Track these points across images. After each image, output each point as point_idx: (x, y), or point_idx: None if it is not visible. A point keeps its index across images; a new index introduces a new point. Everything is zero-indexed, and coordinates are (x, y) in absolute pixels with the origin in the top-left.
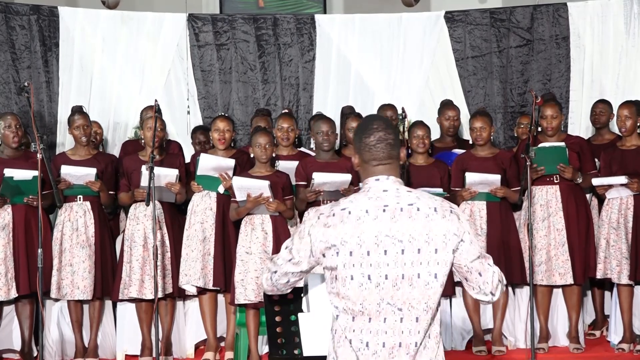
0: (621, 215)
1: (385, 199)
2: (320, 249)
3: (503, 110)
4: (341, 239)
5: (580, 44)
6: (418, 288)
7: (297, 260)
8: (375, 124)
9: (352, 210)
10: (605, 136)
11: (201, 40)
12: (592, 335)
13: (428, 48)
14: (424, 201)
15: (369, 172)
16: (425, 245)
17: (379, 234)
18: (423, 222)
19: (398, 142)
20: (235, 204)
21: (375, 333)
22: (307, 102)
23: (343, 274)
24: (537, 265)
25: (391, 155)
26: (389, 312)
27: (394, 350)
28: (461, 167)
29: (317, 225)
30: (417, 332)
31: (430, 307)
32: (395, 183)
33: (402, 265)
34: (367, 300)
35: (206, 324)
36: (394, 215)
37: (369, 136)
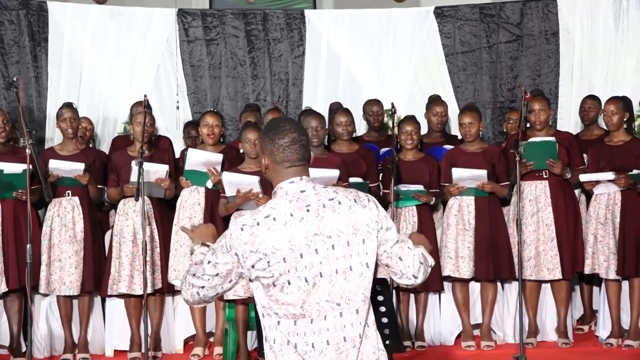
0: (609, 211)
1: (305, 199)
2: (249, 260)
3: (492, 105)
4: (272, 247)
5: (570, 39)
6: (353, 280)
7: (225, 273)
8: (288, 125)
9: (277, 216)
10: (594, 132)
11: (191, 35)
12: (581, 330)
13: (418, 43)
14: (343, 194)
15: (281, 174)
16: (352, 237)
17: (308, 234)
18: (347, 214)
19: (309, 144)
20: (225, 200)
21: (319, 332)
22: (296, 97)
23: (280, 281)
24: (525, 261)
25: (304, 156)
26: (329, 309)
27: (339, 346)
28: (450, 162)
29: (242, 236)
30: (359, 324)
31: (366, 296)
32: (309, 182)
33: (335, 260)
34: (307, 302)
35: (195, 319)
36: (318, 213)
37: (282, 137)
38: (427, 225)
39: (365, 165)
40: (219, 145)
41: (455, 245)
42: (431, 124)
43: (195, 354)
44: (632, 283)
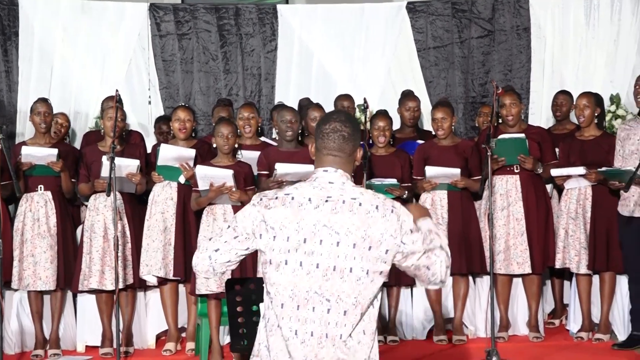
0: (580, 206)
1: (330, 190)
2: (259, 228)
3: (464, 100)
4: (280, 222)
5: (541, 35)
6: (349, 282)
7: (243, 238)
8: (335, 114)
9: (295, 196)
10: (566, 126)
11: (163, 30)
12: (552, 324)
13: (390, 38)
14: (367, 197)
15: (320, 160)
16: (360, 240)
17: (317, 222)
18: (363, 217)
19: (355, 138)
20: (197, 194)
21: (304, 322)
22: (269, 92)
23: (278, 259)
24: (496, 255)
25: (342, 148)
26: (317, 302)
27: (322, 341)
28: (423, 156)
29: (259, 205)
30: (344, 325)
31: (359, 302)
32: (342, 177)
33: (335, 257)
34: (297, 287)
35: (167, 314)
36: (335, 207)
37: (325, 124)
38: None
39: None
40: (191, 140)
41: None
42: (404, 119)
43: (167, 350)
44: (602, 277)
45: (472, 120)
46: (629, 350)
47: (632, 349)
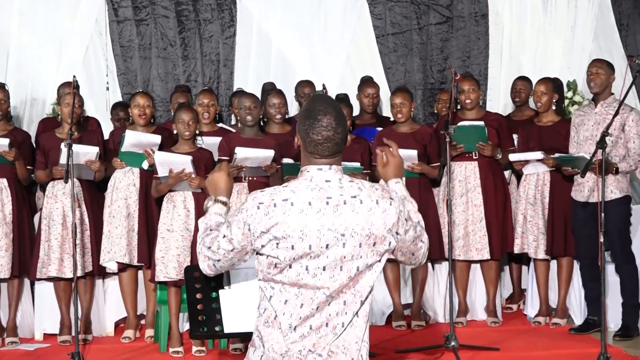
0: (538, 191)
1: (328, 190)
2: (260, 240)
3: (423, 87)
4: (283, 231)
5: (499, 21)
6: (353, 278)
7: (240, 249)
8: (325, 120)
9: (295, 201)
10: (525, 112)
11: (120, 15)
12: (510, 309)
13: (349, 25)
14: (366, 193)
15: (309, 160)
16: (365, 239)
17: (321, 227)
18: (365, 215)
19: (345, 138)
20: (157, 181)
21: (305, 318)
22: (227, 78)
23: (283, 265)
24: (455, 241)
25: (336, 151)
26: (322, 300)
27: (320, 330)
28: (382, 143)
29: (257, 215)
30: (345, 313)
31: (359, 291)
32: (337, 173)
33: (342, 258)
34: (304, 288)
35: (126, 302)
36: (337, 209)
37: (316, 134)
38: None
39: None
40: (150, 126)
41: None
42: (363, 105)
43: (126, 337)
44: (560, 262)
45: (430, 107)
46: (586, 334)
47: (588, 333)
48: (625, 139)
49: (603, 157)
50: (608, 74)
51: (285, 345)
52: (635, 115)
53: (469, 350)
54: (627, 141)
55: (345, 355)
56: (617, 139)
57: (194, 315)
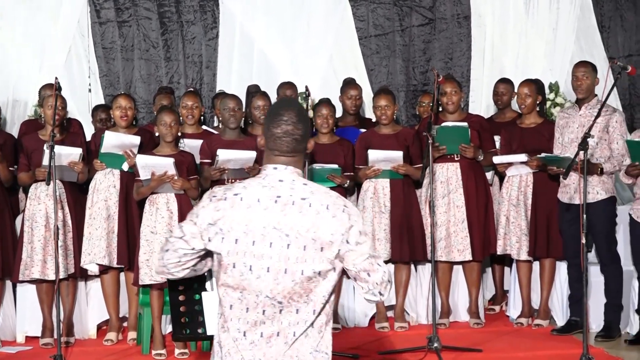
0: (521, 193)
1: (279, 189)
2: (207, 232)
3: (405, 88)
4: (229, 225)
5: (481, 23)
6: (300, 283)
7: (188, 238)
8: (286, 115)
9: (244, 196)
10: (507, 114)
11: (102, 17)
12: (492, 310)
13: (331, 26)
14: (318, 197)
15: (270, 158)
16: (311, 242)
17: (267, 225)
18: (313, 218)
19: (306, 136)
20: (139, 183)
21: (254, 324)
22: (210, 80)
23: (226, 261)
24: (437, 242)
25: (296, 149)
26: (268, 305)
27: (271, 340)
28: (365, 145)
29: (208, 207)
30: (297, 323)
31: (312, 299)
32: (292, 174)
33: (286, 260)
34: (247, 290)
35: (108, 304)
36: (284, 208)
37: (276, 127)
38: None
39: None
40: (132, 128)
41: (372, 228)
42: (346, 107)
43: (108, 339)
44: (542, 264)
45: (413, 108)
46: (568, 335)
47: (570, 334)
48: (609, 140)
49: (585, 158)
50: (593, 78)
51: (238, 352)
52: (619, 116)
53: (452, 351)
54: (611, 142)
55: None
56: (601, 140)
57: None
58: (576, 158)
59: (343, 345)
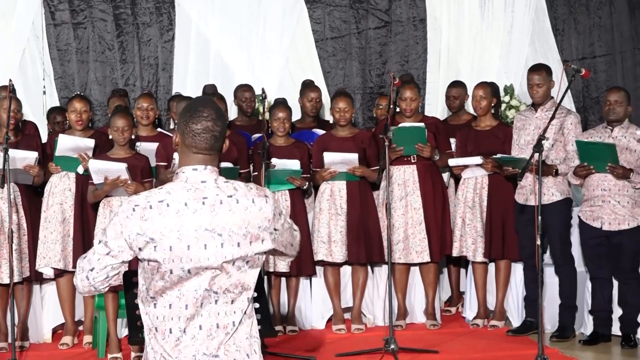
0: (476, 195)
1: (204, 190)
2: (137, 242)
3: (362, 91)
4: (160, 233)
5: (437, 26)
6: (235, 276)
7: (116, 252)
8: (205, 112)
9: (171, 202)
10: (462, 117)
11: (57, 18)
12: (448, 311)
13: (288, 29)
14: (242, 192)
15: (187, 157)
16: (243, 238)
17: (198, 227)
18: (242, 215)
19: (224, 135)
20: (93, 187)
21: (192, 318)
22: (166, 82)
23: (163, 269)
24: (395, 244)
25: (214, 147)
26: (205, 297)
27: (212, 332)
28: (321, 148)
29: (133, 218)
30: (233, 313)
31: (245, 288)
32: (213, 173)
33: (223, 258)
34: (186, 288)
35: (64, 307)
36: (213, 209)
37: (196, 123)
38: (299, 210)
39: (236, 151)
40: (88, 130)
41: (328, 230)
42: (305, 110)
43: (64, 343)
44: (498, 265)
45: (369, 111)
46: (523, 336)
47: (525, 335)
48: (564, 141)
49: (540, 160)
50: (549, 82)
51: (176, 351)
52: (574, 118)
53: (409, 353)
54: (566, 144)
55: (240, 353)
56: (556, 142)
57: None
58: (531, 160)
59: (300, 348)
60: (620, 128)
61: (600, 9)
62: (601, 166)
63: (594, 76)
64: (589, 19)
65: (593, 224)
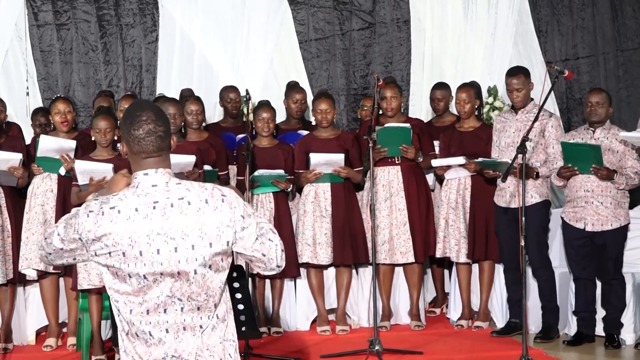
0: (459, 196)
1: (154, 194)
2: (92, 247)
3: (346, 92)
4: (112, 240)
5: (421, 27)
6: (196, 282)
7: (69, 250)
8: (144, 115)
9: (122, 209)
10: (447, 118)
11: (40, 19)
12: (433, 312)
13: (272, 30)
14: (195, 193)
15: (138, 164)
16: (198, 240)
17: (150, 232)
18: (195, 216)
19: (169, 133)
20: (77, 188)
21: (156, 323)
22: (150, 83)
23: (120, 274)
24: (380, 245)
25: (161, 147)
26: (169, 304)
27: (179, 335)
28: (304, 149)
29: (87, 223)
30: (200, 318)
31: (210, 295)
32: (164, 176)
33: (177, 263)
34: (148, 295)
35: (47, 309)
36: (164, 212)
37: (137, 129)
38: (284, 212)
39: (214, 154)
40: (72, 132)
41: (313, 232)
42: (290, 111)
43: (47, 345)
44: (481, 266)
45: (353, 112)
46: (507, 336)
47: (510, 336)
48: (545, 144)
49: (524, 162)
50: (527, 85)
51: (147, 354)
52: (555, 120)
53: (393, 354)
54: (547, 147)
55: (213, 357)
56: (537, 144)
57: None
58: (514, 162)
59: (284, 349)
60: (602, 129)
61: (583, 11)
62: (585, 167)
63: (577, 77)
64: (572, 20)
65: (576, 225)
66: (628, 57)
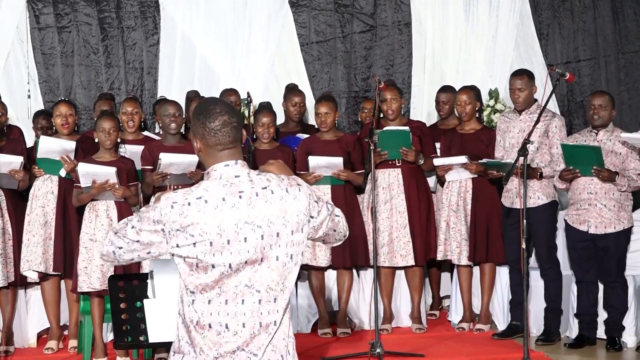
0: (460, 198)
1: (239, 185)
2: (175, 239)
3: (347, 95)
4: (200, 229)
5: (422, 30)
6: (276, 270)
7: (146, 242)
8: (217, 107)
9: (209, 199)
10: (452, 122)
11: (42, 22)
12: (434, 315)
13: (273, 32)
14: (275, 183)
15: (215, 157)
16: (282, 227)
17: (238, 221)
18: (278, 204)
19: (241, 124)
20: (79, 190)
21: (234, 315)
22: (151, 86)
23: (203, 264)
24: (379, 247)
25: (236, 138)
26: (247, 294)
27: (254, 331)
28: (306, 151)
29: (172, 214)
30: (276, 312)
31: (286, 286)
32: (244, 167)
33: (262, 249)
34: (226, 284)
35: (49, 312)
36: (250, 202)
37: (213, 120)
38: None
39: None
40: (74, 134)
41: None
42: (289, 114)
43: (49, 348)
44: (482, 269)
45: (354, 115)
46: (509, 339)
47: (511, 338)
48: (549, 145)
49: (525, 163)
50: (530, 87)
51: (217, 345)
52: (559, 121)
53: (394, 356)
54: (551, 147)
55: (275, 353)
56: (541, 145)
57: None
58: (516, 163)
59: None
60: (605, 131)
61: (585, 14)
62: (587, 170)
63: (578, 80)
64: (573, 23)
65: (579, 227)
66: (629, 59)
